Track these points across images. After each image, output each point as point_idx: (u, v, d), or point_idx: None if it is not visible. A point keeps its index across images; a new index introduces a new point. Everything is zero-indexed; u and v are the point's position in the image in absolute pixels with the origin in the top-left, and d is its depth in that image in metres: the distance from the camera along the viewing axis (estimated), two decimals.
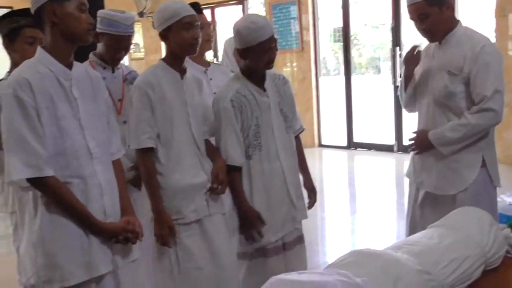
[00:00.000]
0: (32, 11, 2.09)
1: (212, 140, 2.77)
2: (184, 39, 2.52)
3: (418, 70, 2.94)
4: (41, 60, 2.05)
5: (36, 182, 1.99)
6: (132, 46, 3.10)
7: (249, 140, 2.67)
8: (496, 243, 2.21)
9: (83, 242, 2.06)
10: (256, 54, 2.62)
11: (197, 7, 3.08)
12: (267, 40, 2.61)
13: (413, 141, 2.90)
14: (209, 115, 2.74)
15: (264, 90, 2.71)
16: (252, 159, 2.69)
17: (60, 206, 2.03)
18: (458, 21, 2.79)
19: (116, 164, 2.28)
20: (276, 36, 2.68)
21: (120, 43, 2.90)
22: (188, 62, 2.74)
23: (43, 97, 1.99)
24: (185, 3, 2.59)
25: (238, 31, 2.64)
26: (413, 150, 2.93)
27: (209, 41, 3.18)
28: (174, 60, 2.60)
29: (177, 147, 2.55)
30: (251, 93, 2.67)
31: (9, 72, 2.87)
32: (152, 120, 2.51)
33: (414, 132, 2.93)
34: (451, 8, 2.73)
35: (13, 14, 2.83)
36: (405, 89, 2.95)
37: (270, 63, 2.67)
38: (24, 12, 2.67)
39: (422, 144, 2.83)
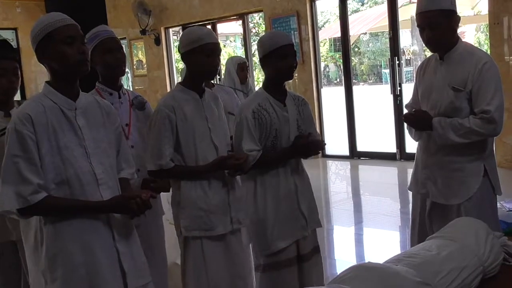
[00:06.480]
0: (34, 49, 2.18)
1: None
2: (204, 64, 2.66)
3: (419, 86, 3.00)
4: (46, 93, 2.16)
5: (32, 209, 2.05)
6: (134, 63, 3.14)
7: (267, 150, 2.78)
8: (493, 252, 2.28)
9: (89, 268, 2.12)
10: (274, 60, 2.73)
11: None
12: (285, 46, 2.74)
13: (413, 115, 2.92)
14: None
15: (285, 105, 2.82)
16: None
17: (64, 215, 2.10)
18: (459, 37, 2.86)
19: (124, 181, 2.34)
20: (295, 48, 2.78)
21: (107, 46, 2.89)
22: None
23: (45, 130, 2.08)
24: (211, 31, 2.75)
25: (260, 40, 2.83)
26: (407, 121, 2.95)
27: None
28: (193, 83, 2.74)
29: (202, 162, 2.68)
30: (272, 106, 2.79)
31: None
32: (172, 142, 2.64)
33: (418, 110, 2.94)
34: (458, 22, 2.80)
35: None
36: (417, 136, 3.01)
37: (289, 71, 2.77)
38: None
39: (421, 124, 2.86)
